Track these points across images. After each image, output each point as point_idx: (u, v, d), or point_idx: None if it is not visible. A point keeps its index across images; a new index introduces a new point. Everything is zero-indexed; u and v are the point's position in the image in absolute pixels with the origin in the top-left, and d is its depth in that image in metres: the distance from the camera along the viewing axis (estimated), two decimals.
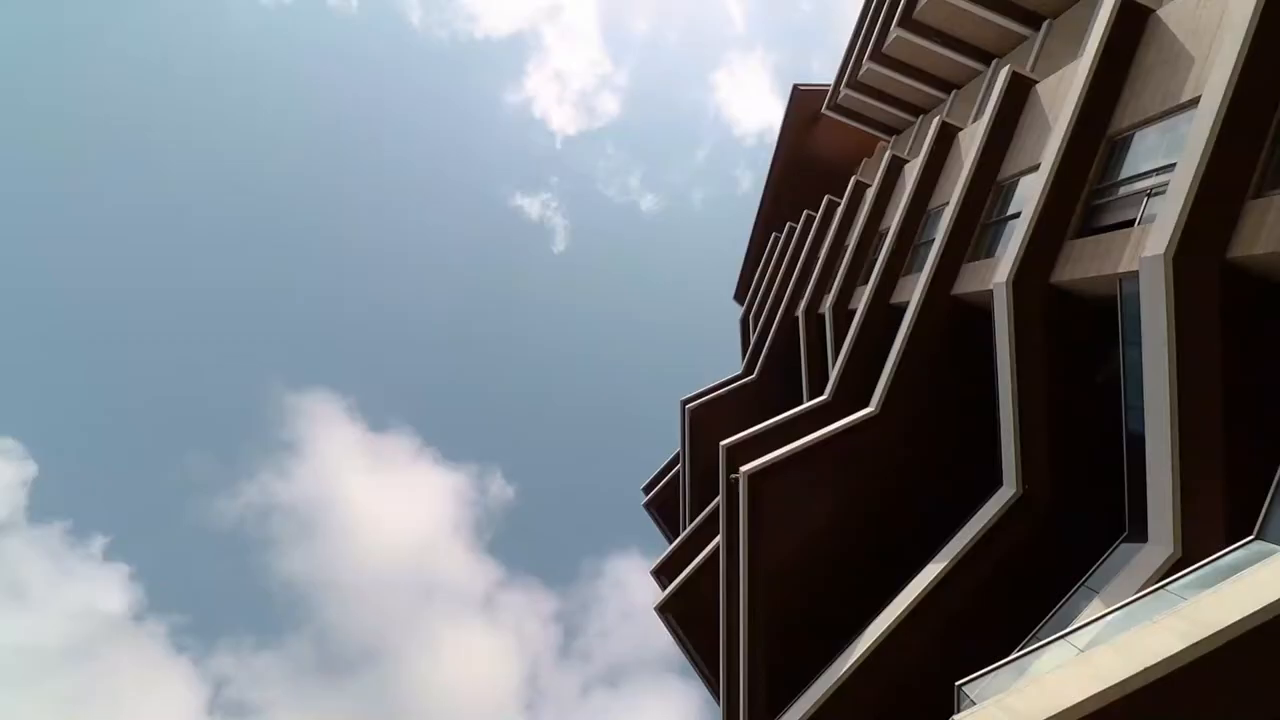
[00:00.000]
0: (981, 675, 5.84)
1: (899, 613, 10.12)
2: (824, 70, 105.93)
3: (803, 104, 35.41)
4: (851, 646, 10.52)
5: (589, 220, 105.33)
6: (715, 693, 19.27)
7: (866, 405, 12.74)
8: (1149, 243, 7.43)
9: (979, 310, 12.26)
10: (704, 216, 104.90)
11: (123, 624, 79.01)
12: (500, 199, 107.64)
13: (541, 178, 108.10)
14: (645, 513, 29.24)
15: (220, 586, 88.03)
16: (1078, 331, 9.83)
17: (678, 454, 26.73)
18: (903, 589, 10.39)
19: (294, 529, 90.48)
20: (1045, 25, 18.78)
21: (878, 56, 24.93)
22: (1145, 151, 9.24)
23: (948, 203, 14.45)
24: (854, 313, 17.82)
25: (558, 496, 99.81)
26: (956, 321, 12.57)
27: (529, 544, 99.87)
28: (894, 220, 16.89)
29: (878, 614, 10.42)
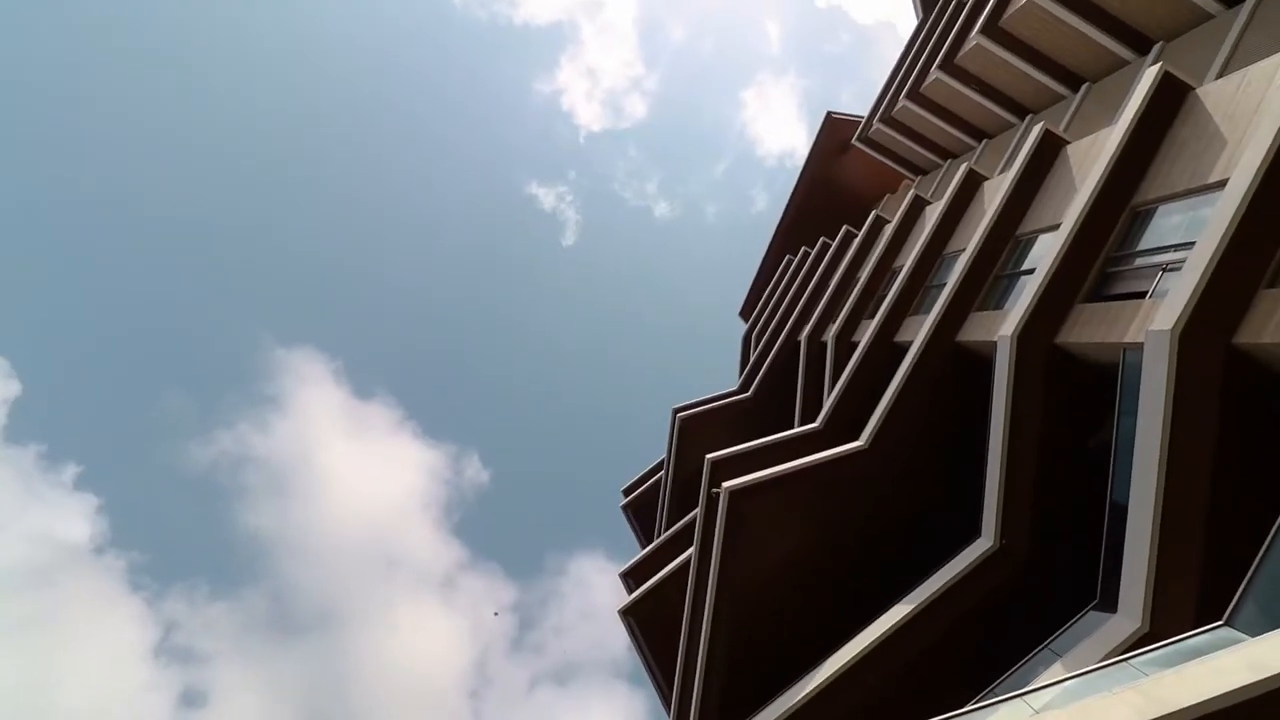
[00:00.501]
0: None
1: (860, 649, 10.12)
2: (852, 103, 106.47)
3: (834, 132, 35.49)
4: (809, 677, 10.51)
5: (601, 218, 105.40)
6: (667, 702, 19.25)
7: (857, 438, 12.74)
8: (1158, 317, 7.45)
9: (981, 360, 12.28)
10: (715, 230, 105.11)
11: (82, 554, 78.79)
12: (516, 185, 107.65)
13: (560, 170, 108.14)
14: (617, 515, 29.21)
15: (183, 530, 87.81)
16: (1075, 394, 9.85)
17: (662, 461, 26.72)
18: (868, 626, 10.39)
19: (265, 483, 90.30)
20: (1084, 88, 18.83)
21: (914, 95, 24.99)
22: (1167, 226, 9.27)
23: (964, 249, 14.47)
24: (856, 345, 17.85)
25: (532, 488, 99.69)
26: (957, 367, 12.58)
27: (496, 531, 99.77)
28: (908, 259, 16.91)
29: (840, 647, 10.42)
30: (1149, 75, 10.27)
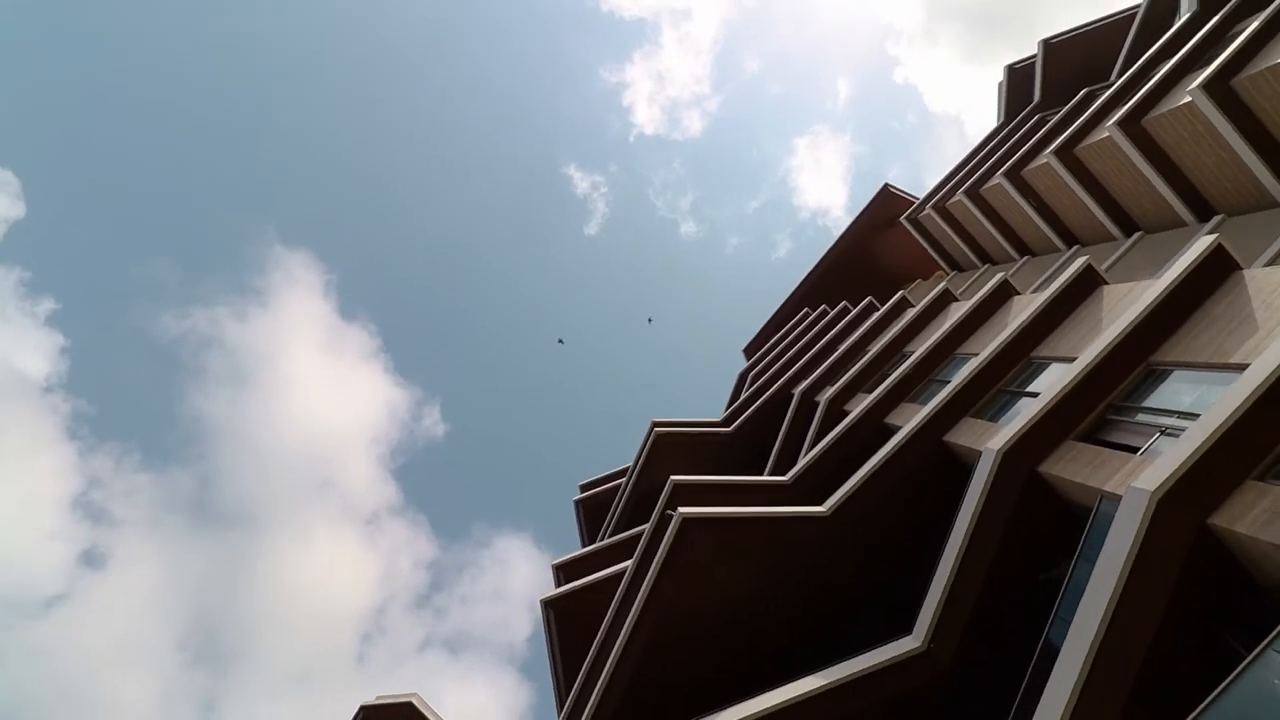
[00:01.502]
0: None
1: (759, 710, 10.11)
2: (897, 181, 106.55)
3: (885, 203, 35.65)
4: None
5: (628, 218, 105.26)
6: (560, 701, 19.20)
7: (821, 503, 12.76)
8: (1144, 476, 7.49)
9: (960, 464, 12.32)
10: (732, 262, 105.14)
11: (32, 389, 78.07)
12: (557, 161, 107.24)
13: (603, 161, 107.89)
14: (557, 505, 29.29)
15: (134, 394, 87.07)
16: (1041, 525, 9.88)
17: (627, 468, 26.71)
18: (775, 689, 10.39)
19: (226, 371, 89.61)
20: (1137, 235, 18.96)
21: (973, 193, 25.12)
22: (1176, 392, 9.33)
23: (977, 354, 14.53)
24: (846, 414, 17.89)
25: (483, 455, 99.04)
26: (936, 465, 12.62)
27: (435, 485, 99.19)
28: (921, 347, 16.98)
29: (741, 701, 10.41)
30: (1202, 243, 10.35)
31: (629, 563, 16.77)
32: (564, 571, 21.84)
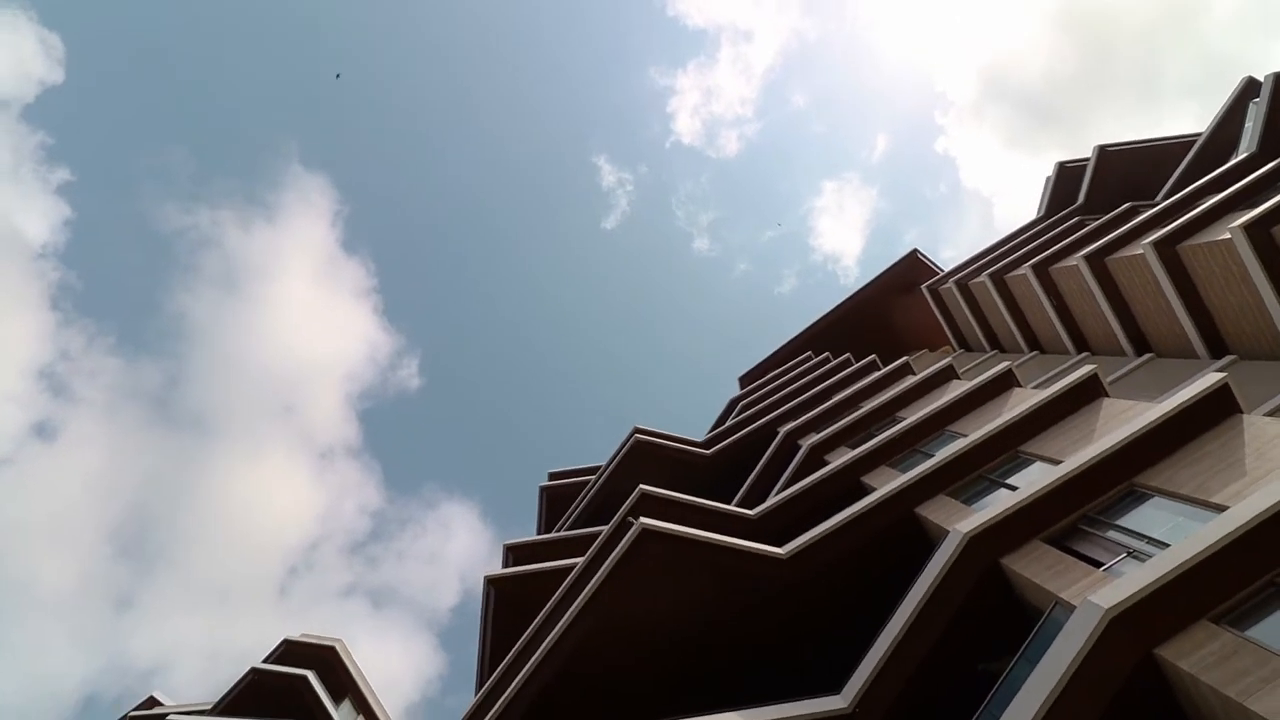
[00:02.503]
0: None
1: None
2: (914, 244, 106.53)
3: (910, 268, 35.77)
4: None
5: (647, 221, 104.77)
6: (480, 680, 19.15)
7: (780, 545, 12.76)
8: (1102, 592, 7.52)
9: (925, 539, 12.34)
10: (735, 286, 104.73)
11: (26, 251, 77.41)
12: (589, 148, 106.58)
13: (634, 159, 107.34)
14: (513, 486, 29.27)
15: (123, 277, 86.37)
16: (991, 616, 9.89)
17: (598, 467, 26.70)
18: (693, 718, 10.37)
19: (217, 275, 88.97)
20: (1148, 356, 19.04)
21: (996, 278, 25.21)
22: (1152, 517, 9.36)
23: (966, 435, 14.57)
24: (826, 464, 17.91)
25: (451, 417, 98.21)
26: (901, 533, 12.64)
27: (396, 435, 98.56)
28: (913, 416, 17.01)
29: None
30: (1210, 379, 10.40)
31: (580, 560, 16.76)
32: (515, 553, 21.81)
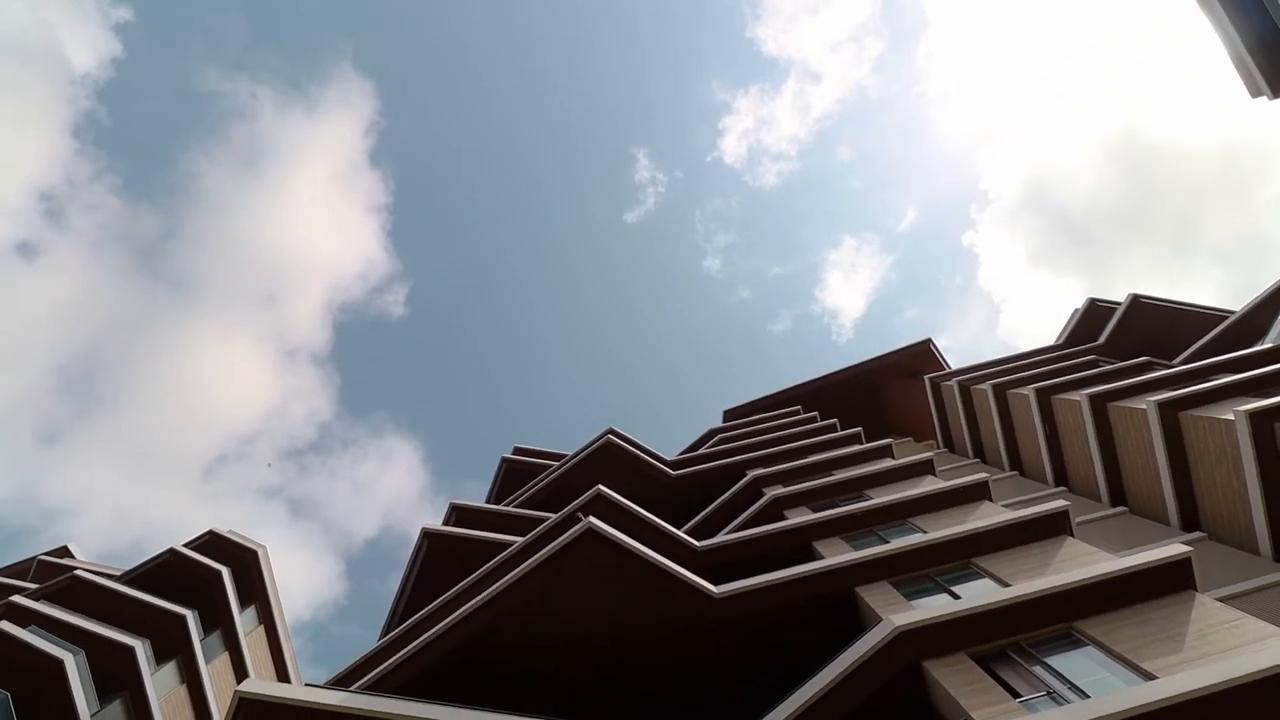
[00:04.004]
0: None
1: None
2: (912, 323, 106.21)
3: (918, 355, 35.88)
4: None
5: (667, 226, 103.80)
6: (389, 627, 19.05)
7: (716, 584, 12.73)
8: None
9: (856, 619, 12.33)
10: (729, 311, 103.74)
11: (65, 74, 75.78)
12: (631, 138, 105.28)
13: (673, 163, 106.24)
14: (461, 438, 29.14)
15: (149, 124, 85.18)
16: (897, 714, 9.86)
17: (567, 457, 26.67)
18: None
19: (241, 147, 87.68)
20: (1121, 509, 19.08)
21: (999, 390, 25.27)
22: (1079, 665, 9.34)
23: (925, 532, 14.56)
24: (783, 519, 17.88)
25: (425, 354, 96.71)
26: (835, 607, 12.62)
27: (364, 355, 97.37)
28: (881, 498, 17.02)
29: None
30: (1175, 549, 10.42)
31: (521, 540, 16.71)
32: (459, 514, 21.74)
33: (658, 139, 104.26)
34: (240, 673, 23.37)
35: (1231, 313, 25.41)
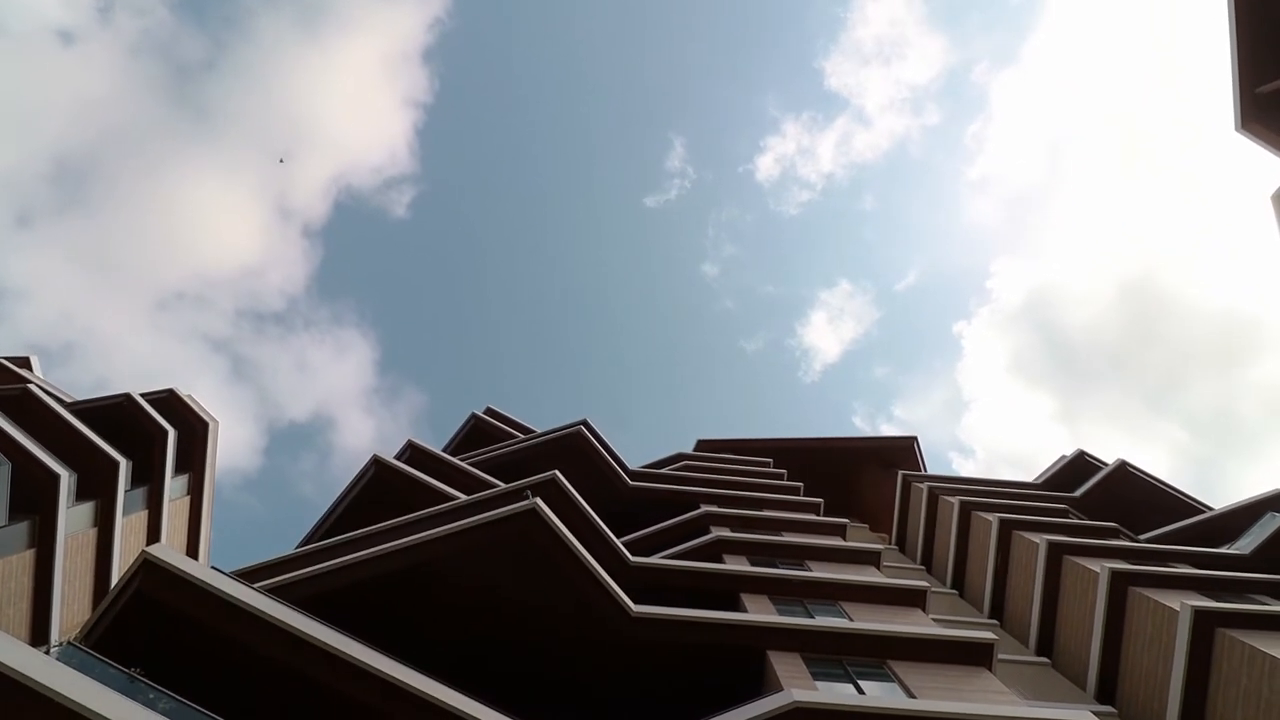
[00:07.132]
0: None
1: (442, 699, 9.92)
2: (880, 383, 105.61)
3: (900, 450, 36.03)
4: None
5: (681, 221, 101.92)
6: (309, 538, 18.96)
7: (637, 603, 12.69)
8: None
9: (759, 682, 12.30)
10: (711, 319, 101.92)
11: None
12: (673, 128, 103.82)
13: (705, 161, 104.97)
14: (423, 362, 29.04)
15: None
16: None
17: (534, 434, 26.65)
18: (454, 692, 10.22)
19: (307, 3, 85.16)
20: (1045, 660, 19.11)
21: (964, 508, 25.32)
22: None
23: (851, 620, 14.56)
24: (720, 560, 17.83)
25: (414, 266, 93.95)
26: (742, 664, 12.59)
27: (354, 243, 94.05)
28: (819, 573, 17.01)
29: (427, 679, 10.22)
30: (1085, 717, 10.41)
31: (464, 498, 16.66)
32: (414, 453, 21.68)
33: (700, 134, 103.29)
34: (154, 535, 23.18)
35: (1210, 508, 25.54)
